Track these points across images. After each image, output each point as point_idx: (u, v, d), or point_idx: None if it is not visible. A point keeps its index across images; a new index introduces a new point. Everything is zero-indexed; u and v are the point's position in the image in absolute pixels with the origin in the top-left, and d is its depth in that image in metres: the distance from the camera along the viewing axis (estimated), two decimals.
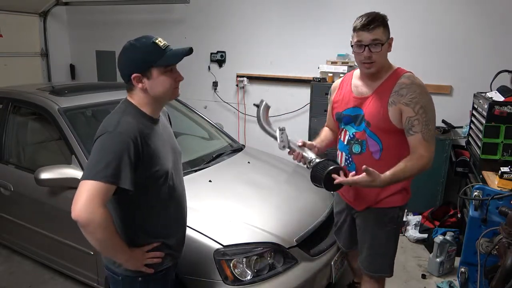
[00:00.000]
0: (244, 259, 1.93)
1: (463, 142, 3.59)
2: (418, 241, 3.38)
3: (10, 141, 2.88)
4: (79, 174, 2.19)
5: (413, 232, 3.44)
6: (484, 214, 2.07)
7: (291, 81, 4.49)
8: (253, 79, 4.74)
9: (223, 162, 2.80)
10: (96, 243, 1.32)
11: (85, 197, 1.25)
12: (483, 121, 2.73)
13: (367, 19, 1.66)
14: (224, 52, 4.86)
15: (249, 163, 2.85)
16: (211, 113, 4.79)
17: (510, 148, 2.63)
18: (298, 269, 2.06)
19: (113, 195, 1.33)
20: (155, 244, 1.49)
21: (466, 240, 2.19)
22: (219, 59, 4.90)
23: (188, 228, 1.72)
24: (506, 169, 2.37)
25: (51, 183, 2.23)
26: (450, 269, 2.95)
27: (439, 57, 3.71)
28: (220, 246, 1.91)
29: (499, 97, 2.77)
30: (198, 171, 2.57)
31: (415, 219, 3.55)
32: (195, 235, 1.93)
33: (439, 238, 2.94)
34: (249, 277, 1.92)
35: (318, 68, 4.12)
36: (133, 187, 1.33)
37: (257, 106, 1.93)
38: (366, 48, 1.67)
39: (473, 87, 3.39)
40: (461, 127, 3.65)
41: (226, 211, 2.18)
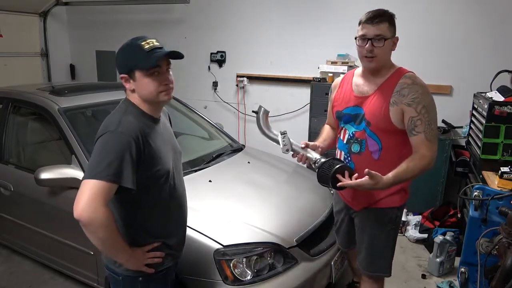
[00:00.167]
0: (244, 259, 1.92)
1: (463, 142, 3.59)
2: (418, 241, 3.38)
3: (10, 141, 2.88)
4: (79, 174, 2.19)
5: (413, 232, 3.44)
6: (484, 214, 2.08)
7: (291, 81, 4.49)
8: (253, 79, 4.74)
9: (223, 162, 2.80)
10: (97, 242, 1.32)
11: (87, 196, 1.25)
12: (483, 121, 2.73)
13: (374, 13, 1.67)
14: (224, 52, 4.86)
15: (249, 163, 2.85)
16: (211, 113, 4.79)
17: (510, 148, 2.63)
18: (298, 269, 2.06)
19: (115, 194, 1.33)
20: (156, 244, 1.50)
21: (466, 240, 2.20)
22: (219, 59, 4.90)
23: (188, 228, 1.72)
24: (506, 169, 2.37)
25: (51, 183, 2.23)
26: (450, 269, 2.95)
27: (439, 57, 3.71)
28: (220, 246, 1.91)
29: (499, 97, 2.77)
30: (198, 171, 2.57)
31: (415, 219, 3.55)
32: (195, 235, 1.93)
33: (439, 238, 2.94)
34: (249, 277, 1.92)
35: (318, 68, 4.12)
36: (135, 186, 1.34)
37: (256, 112, 1.93)
38: (369, 41, 1.67)
39: (473, 87, 3.39)
40: (461, 127, 3.65)
41: (226, 211, 2.18)
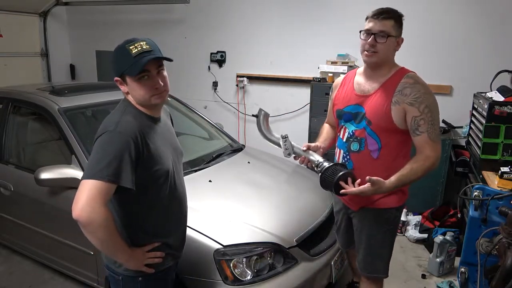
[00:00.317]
0: (244, 259, 1.92)
1: (463, 142, 3.59)
2: (418, 241, 3.38)
3: (10, 141, 2.88)
4: (79, 174, 2.19)
5: (413, 232, 3.44)
6: (484, 214, 2.08)
7: (291, 81, 4.49)
8: (253, 79, 4.74)
9: (223, 162, 2.80)
10: (97, 242, 1.32)
11: (86, 197, 1.25)
12: (483, 121, 2.73)
13: (381, 9, 1.68)
14: (224, 52, 4.86)
15: (249, 163, 2.85)
16: (211, 113, 4.79)
17: (510, 148, 2.63)
18: (298, 269, 2.05)
19: (114, 194, 1.33)
20: (156, 244, 1.49)
21: (466, 240, 2.20)
22: (219, 59, 4.90)
23: (188, 228, 1.72)
24: (506, 169, 2.36)
25: (51, 183, 2.23)
26: (450, 269, 2.95)
27: (439, 57, 3.71)
28: (220, 246, 1.91)
29: (499, 97, 2.77)
30: (198, 171, 2.57)
31: (415, 219, 3.55)
32: (195, 235, 1.93)
33: (439, 238, 2.94)
34: (249, 277, 1.92)
35: (318, 68, 4.12)
36: (134, 186, 1.34)
37: (256, 116, 1.93)
38: (372, 36, 1.67)
39: (473, 87, 3.39)
40: (461, 127, 3.65)
41: (226, 211, 2.18)
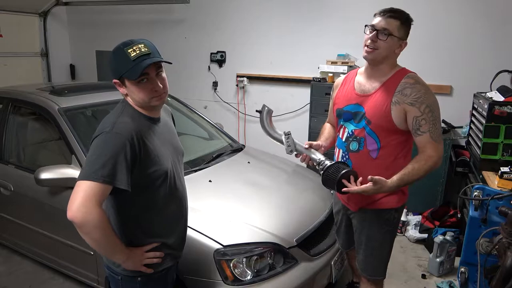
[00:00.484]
0: (244, 259, 1.92)
1: (463, 142, 3.59)
2: (418, 241, 3.38)
3: (10, 141, 2.88)
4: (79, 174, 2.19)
5: (413, 232, 3.44)
6: (484, 214, 2.08)
7: (291, 81, 4.49)
8: (253, 79, 4.74)
9: (223, 162, 2.80)
10: (92, 243, 1.33)
11: (81, 198, 1.25)
12: (483, 121, 2.73)
13: (390, 8, 1.68)
14: (224, 52, 4.86)
15: (249, 163, 2.85)
16: (211, 113, 4.80)
17: (510, 148, 2.63)
18: (298, 269, 2.06)
19: (110, 194, 1.33)
20: (155, 244, 1.49)
21: (466, 240, 2.20)
22: (219, 59, 4.90)
23: (188, 228, 1.72)
24: (506, 169, 2.36)
25: (51, 183, 2.23)
26: (450, 269, 2.95)
27: (439, 57, 3.71)
28: (220, 246, 1.91)
29: (499, 97, 2.76)
30: (198, 171, 2.57)
31: (415, 219, 3.55)
32: (195, 235, 1.93)
33: (439, 238, 2.94)
34: (249, 277, 1.92)
35: (318, 68, 4.12)
36: (130, 187, 1.33)
37: (259, 112, 1.92)
38: (375, 32, 1.67)
39: (473, 87, 3.39)
40: (461, 127, 3.65)
41: (226, 211, 2.18)
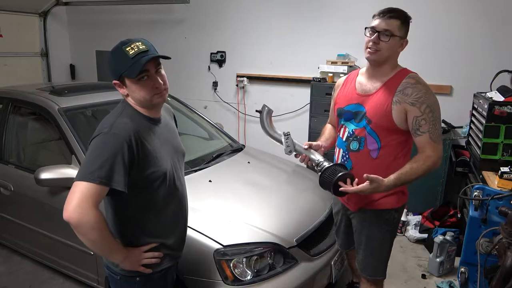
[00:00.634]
0: (244, 259, 1.92)
1: (463, 142, 3.59)
2: (418, 241, 3.38)
3: (10, 141, 2.88)
4: None
5: (413, 232, 3.44)
6: (484, 214, 2.07)
7: (291, 81, 4.49)
8: (253, 79, 4.74)
9: (223, 162, 2.80)
10: (89, 243, 1.33)
11: (77, 198, 1.25)
12: (483, 121, 2.73)
13: (388, 8, 1.69)
14: (224, 52, 4.86)
15: (249, 163, 2.85)
16: (211, 113, 4.80)
17: (510, 148, 2.63)
18: (298, 269, 2.06)
19: (107, 195, 1.33)
20: (153, 244, 1.49)
21: (466, 240, 2.19)
22: (219, 59, 4.90)
23: (188, 228, 1.72)
24: (506, 169, 2.36)
25: (51, 183, 2.23)
26: (450, 269, 2.95)
27: (439, 57, 3.71)
28: (220, 246, 1.91)
29: (499, 97, 2.76)
30: (198, 171, 2.57)
31: (415, 219, 3.55)
32: (195, 235, 1.93)
33: (439, 238, 2.94)
34: (249, 277, 1.92)
35: (318, 68, 4.13)
36: (127, 189, 1.33)
37: (259, 112, 1.92)
38: (376, 34, 1.67)
39: (473, 87, 3.39)
40: (461, 127, 3.65)
41: (226, 211, 2.18)
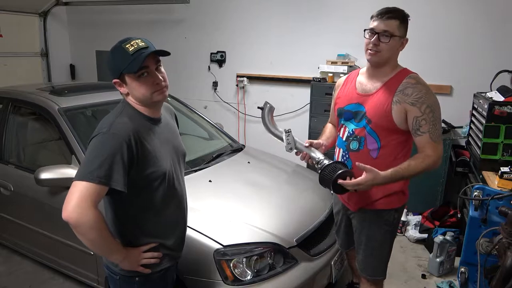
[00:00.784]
0: (244, 259, 1.92)
1: (463, 142, 3.59)
2: (418, 241, 3.38)
3: (10, 141, 2.88)
4: None
5: (413, 232, 3.44)
6: (484, 214, 2.07)
7: (291, 81, 4.49)
8: (253, 79, 4.74)
9: (223, 162, 2.80)
10: (88, 243, 1.33)
11: (76, 198, 1.26)
12: (483, 121, 2.73)
13: (386, 9, 1.68)
14: (224, 52, 4.86)
15: (249, 163, 2.85)
16: (211, 113, 4.80)
17: (510, 148, 2.63)
18: (298, 269, 2.06)
19: (107, 195, 1.33)
20: (153, 244, 1.49)
21: (466, 240, 2.19)
22: (219, 59, 4.90)
23: (188, 228, 1.72)
24: (506, 169, 2.36)
25: (51, 183, 2.23)
26: (450, 269, 2.95)
27: (439, 57, 3.71)
28: (220, 246, 1.91)
29: (499, 97, 2.76)
30: (198, 171, 2.57)
31: (415, 219, 3.55)
32: (195, 235, 1.93)
33: (439, 238, 2.94)
34: (249, 277, 1.92)
35: (318, 68, 4.13)
36: (126, 188, 1.33)
37: (261, 108, 1.91)
38: (376, 35, 1.67)
39: (473, 87, 3.39)
40: (461, 127, 3.65)
41: (226, 211, 2.18)
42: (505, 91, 2.85)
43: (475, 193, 2.13)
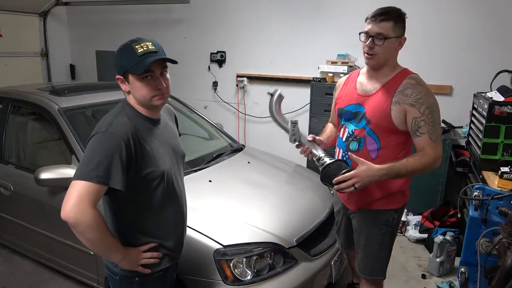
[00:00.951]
0: (244, 259, 1.92)
1: (463, 142, 3.59)
2: (418, 241, 3.38)
3: (10, 141, 2.88)
4: None
5: (413, 232, 3.44)
6: (484, 214, 2.07)
7: (291, 81, 4.49)
8: (253, 79, 4.74)
9: (223, 162, 2.80)
10: (87, 242, 1.33)
11: (75, 198, 1.26)
12: (483, 121, 2.73)
13: (379, 11, 1.67)
14: (224, 52, 4.86)
15: (249, 163, 2.85)
16: (211, 113, 4.80)
17: (510, 148, 2.63)
18: (298, 269, 2.06)
19: (106, 195, 1.33)
20: (152, 244, 1.48)
21: (466, 240, 2.19)
22: (219, 59, 4.90)
23: (188, 228, 1.72)
24: (506, 169, 2.36)
25: (51, 183, 2.23)
26: (450, 269, 2.95)
27: (439, 57, 3.71)
28: (220, 246, 1.91)
29: (499, 97, 2.77)
30: (198, 171, 2.57)
31: (415, 219, 3.55)
32: (195, 235, 1.93)
33: (439, 238, 2.94)
34: (249, 277, 1.92)
35: (318, 68, 4.12)
36: (124, 188, 1.33)
37: (271, 94, 1.87)
38: (370, 38, 1.67)
39: (473, 87, 3.39)
40: (461, 127, 3.65)
41: (226, 211, 2.18)
42: (505, 91, 2.85)
43: (475, 193, 2.13)
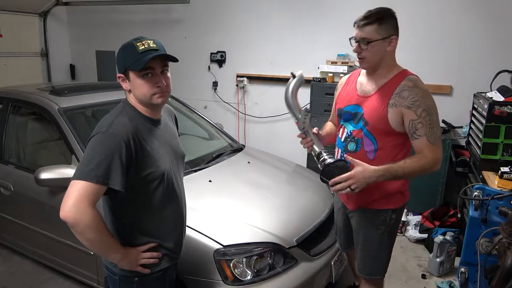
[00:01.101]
0: (244, 259, 1.93)
1: (463, 142, 3.59)
2: (418, 241, 3.38)
3: (10, 141, 2.88)
4: None
5: (413, 232, 3.44)
6: (484, 214, 2.07)
7: None
8: (253, 79, 4.74)
9: (223, 162, 2.80)
10: (86, 242, 1.33)
11: (74, 198, 1.26)
12: (483, 121, 2.73)
13: (362, 16, 1.68)
14: (224, 52, 4.86)
15: (249, 163, 2.85)
16: (211, 113, 4.80)
17: (510, 148, 2.63)
18: (298, 269, 2.06)
19: (106, 195, 1.33)
20: (152, 244, 1.48)
21: (466, 240, 2.19)
22: (219, 59, 4.90)
23: (188, 228, 1.72)
24: (506, 169, 2.36)
25: (51, 183, 2.24)
26: (450, 269, 2.95)
27: (439, 57, 3.71)
28: (220, 246, 1.91)
29: (499, 97, 2.77)
30: (198, 171, 2.57)
31: (415, 219, 3.55)
32: (195, 235, 1.93)
33: (439, 238, 2.94)
34: (249, 277, 1.92)
35: (318, 68, 4.12)
36: (124, 188, 1.32)
37: (293, 75, 1.88)
38: (356, 44, 1.71)
39: (473, 87, 3.39)
40: (461, 127, 3.65)
41: (226, 211, 2.18)
42: (505, 91, 2.85)
43: (475, 193, 2.13)
